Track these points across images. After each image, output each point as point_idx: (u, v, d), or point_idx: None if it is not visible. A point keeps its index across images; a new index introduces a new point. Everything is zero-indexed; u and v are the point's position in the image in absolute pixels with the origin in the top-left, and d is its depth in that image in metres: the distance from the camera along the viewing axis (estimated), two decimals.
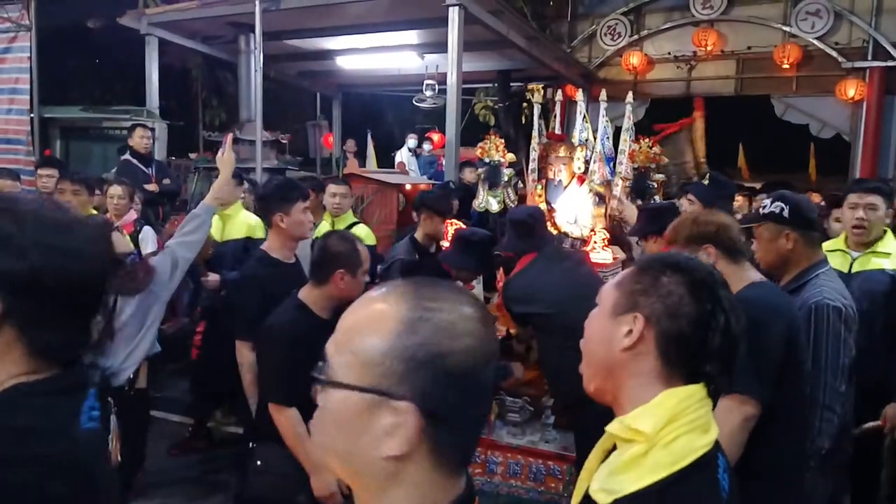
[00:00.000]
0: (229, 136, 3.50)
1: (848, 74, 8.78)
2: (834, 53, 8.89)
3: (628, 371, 1.12)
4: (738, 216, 3.35)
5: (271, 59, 8.20)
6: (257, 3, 6.22)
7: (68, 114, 8.71)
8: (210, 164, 7.87)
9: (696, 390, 1.08)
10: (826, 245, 3.23)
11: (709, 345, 1.07)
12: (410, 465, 0.76)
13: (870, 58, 8.71)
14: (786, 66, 9.10)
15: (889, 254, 3.07)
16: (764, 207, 2.44)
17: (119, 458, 2.72)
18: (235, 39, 7.79)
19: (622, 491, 1.01)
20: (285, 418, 2.45)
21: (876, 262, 3.06)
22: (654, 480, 1.00)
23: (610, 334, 1.13)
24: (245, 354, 2.89)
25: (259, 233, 4.55)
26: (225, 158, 3.26)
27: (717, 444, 1.09)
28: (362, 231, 4.43)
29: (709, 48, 9.55)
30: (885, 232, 3.16)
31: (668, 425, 1.04)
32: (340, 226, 4.49)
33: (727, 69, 9.80)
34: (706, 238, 2.07)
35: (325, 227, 4.53)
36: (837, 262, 3.15)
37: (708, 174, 4.24)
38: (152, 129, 7.08)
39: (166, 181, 6.37)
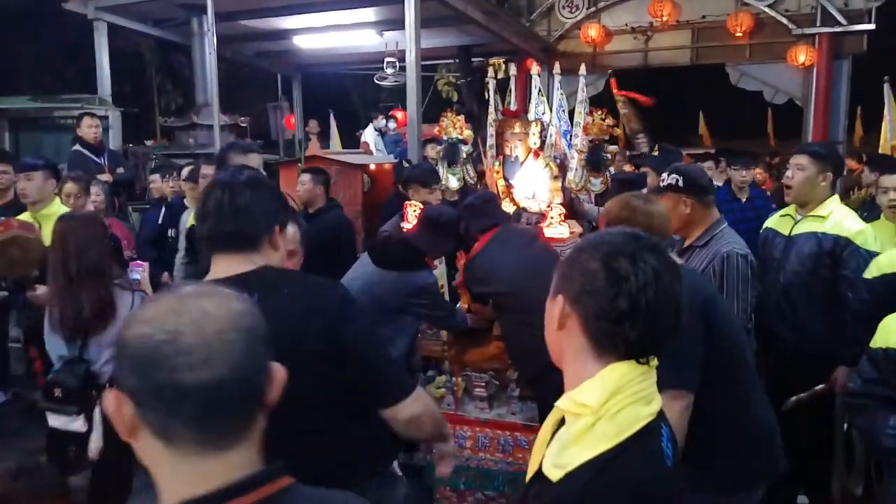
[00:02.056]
0: None
1: (798, 41, 8.99)
2: (784, 20, 9.07)
3: (566, 349, 1.17)
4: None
5: (226, 41, 8.04)
6: None
7: (17, 104, 8.43)
8: (168, 151, 7.75)
9: (635, 365, 1.11)
10: (782, 211, 3.37)
11: (618, 310, 1.08)
12: (147, 450, 0.83)
13: (818, 24, 8.91)
14: (739, 34, 9.26)
15: (824, 217, 3.09)
16: (663, 180, 2.72)
17: (97, 454, 2.67)
18: (188, 21, 7.62)
19: (571, 464, 1.05)
20: None
21: (812, 226, 3.10)
22: (600, 451, 1.05)
23: (549, 316, 1.20)
24: None
25: None
26: None
27: (660, 414, 1.14)
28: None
29: (664, 18, 9.65)
30: (829, 197, 3.14)
31: (612, 398, 1.08)
32: None
33: (683, 39, 9.92)
34: (614, 224, 2.14)
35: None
36: (783, 226, 3.25)
37: (657, 146, 4.34)
38: (104, 118, 6.91)
39: (120, 170, 6.20)
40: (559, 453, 1.08)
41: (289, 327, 1.50)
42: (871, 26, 8.68)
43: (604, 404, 1.07)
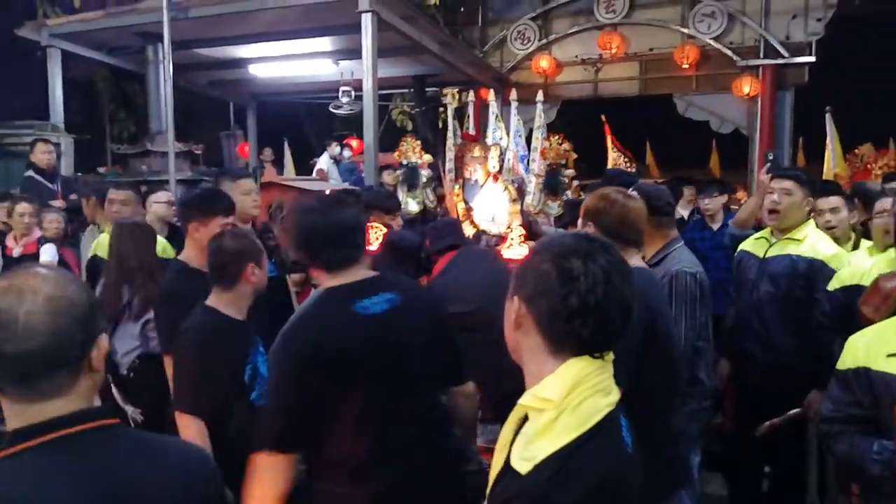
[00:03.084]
0: None
1: (742, 72, 9.36)
2: (729, 53, 9.45)
3: (524, 348, 1.23)
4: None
5: (181, 69, 7.98)
6: (165, 12, 6.05)
7: None
8: (119, 178, 7.60)
9: (592, 360, 1.17)
10: (758, 234, 3.44)
11: (569, 308, 1.13)
12: None
13: (761, 56, 9.31)
14: (685, 65, 9.62)
15: (800, 240, 3.15)
16: None
17: None
18: (143, 49, 7.54)
19: (538, 457, 1.09)
20: (189, 428, 2.32)
21: (787, 248, 3.16)
22: (565, 443, 1.10)
23: (507, 316, 1.25)
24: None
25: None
26: None
27: (619, 405, 1.20)
28: (161, 242, 4.03)
29: (613, 51, 9.97)
30: (806, 220, 3.22)
31: (572, 391, 1.13)
32: None
33: (631, 70, 10.25)
34: (589, 214, 2.24)
35: (106, 239, 4.03)
36: (758, 248, 3.31)
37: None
38: (57, 144, 6.79)
39: (73, 196, 6.11)
40: (525, 447, 1.12)
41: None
42: (812, 59, 9.10)
43: (565, 398, 1.13)
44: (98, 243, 4.17)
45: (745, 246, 3.46)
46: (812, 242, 3.14)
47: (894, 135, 9.80)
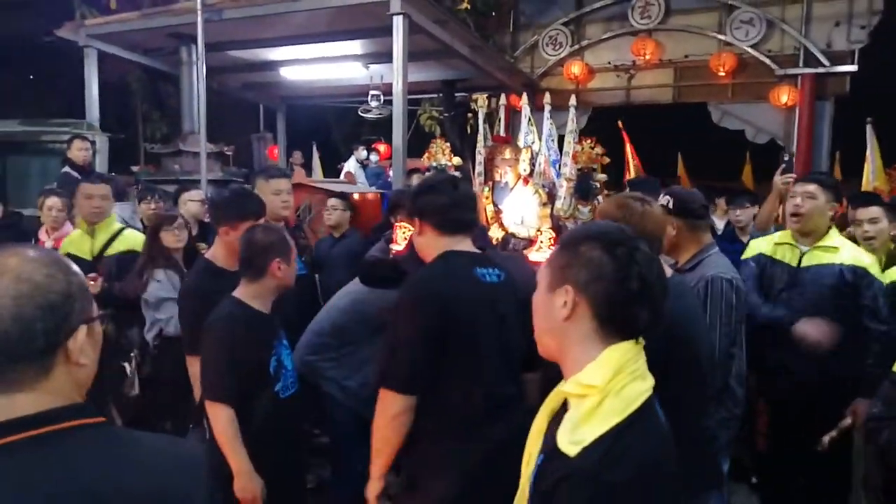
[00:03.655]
0: None
1: (781, 81, 9.14)
2: (767, 61, 9.24)
3: (571, 338, 1.26)
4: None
5: (214, 71, 8.09)
6: (199, 13, 6.11)
7: (5, 128, 8.39)
8: (152, 177, 7.70)
9: (632, 345, 1.23)
10: (776, 237, 3.37)
11: (631, 291, 1.20)
12: None
13: (801, 65, 9.09)
14: (721, 73, 9.42)
15: (837, 248, 3.10)
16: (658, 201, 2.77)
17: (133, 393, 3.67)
18: (177, 51, 7.66)
19: (586, 440, 1.14)
20: (219, 416, 2.44)
21: (826, 257, 3.10)
22: (611, 426, 1.14)
23: (550, 309, 1.28)
24: (197, 370, 2.78)
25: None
26: None
27: (654, 389, 1.25)
28: (134, 237, 4.09)
29: (647, 57, 9.82)
30: (829, 227, 3.17)
31: (615, 377, 1.18)
32: (101, 233, 4.02)
33: (665, 77, 10.09)
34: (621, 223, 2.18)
35: (79, 235, 4.11)
36: (787, 255, 3.24)
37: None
38: (93, 142, 6.91)
39: None
40: (573, 431, 1.17)
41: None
42: (854, 68, 8.83)
43: (609, 383, 1.18)
44: (70, 240, 4.16)
45: (764, 250, 3.35)
46: (851, 250, 3.10)
47: None
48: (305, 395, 2.98)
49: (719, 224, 5.91)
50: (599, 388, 1.18)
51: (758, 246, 3.42)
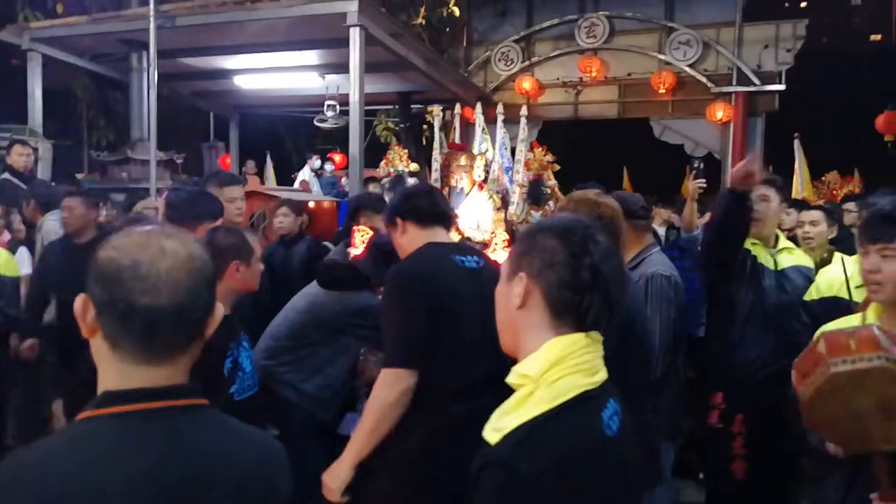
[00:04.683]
0: None
1: (716, 98, 9.69)
2: (703, 79, 9.78)
3: (524, 326, 1.24)
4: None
5: (165, 78, 7.96)
6: (152, 19, 6.07)
7: None
8: (97, 185, 7.54)
9: (581, 337, 1.19)
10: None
11: (582, 281, 1.18)
12: (98, 349, 1.03)
13: (734, 83, 9.64)
14: (662, 90, 9.90)
15: (793, 249, 3.14)
16: None
17: None
18: (127, 57, 7.54)
19: (507, 427, 1.11)
20: None
21: (792, 259, 3.08)
22: (532, 416, 1.11)
23: (507, 297, 1.27)
24: None
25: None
26: None
27: (606, 388, 1.21)
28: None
29: (593, 74, 10.23)
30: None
31: (552, 368, 1.15)
32: None
33: (610, 94, 10.53)
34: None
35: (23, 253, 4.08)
36: (764, 258, 3.07)
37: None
38: (35, 149, 6.72)
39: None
40: (498, 419, 1.15)
41: None
42: (782, 87, 9.46)
43: (543, 374, 1.15)
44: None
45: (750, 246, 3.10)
46: (797, 251, 3.19)
47: (859, 164, 10.16)
48: (265, 398, 2.99)
49: (660, 231, 6.19)
50: (533, 378, 1.15)
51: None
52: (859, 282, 2.56)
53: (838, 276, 2.89)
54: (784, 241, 3.17)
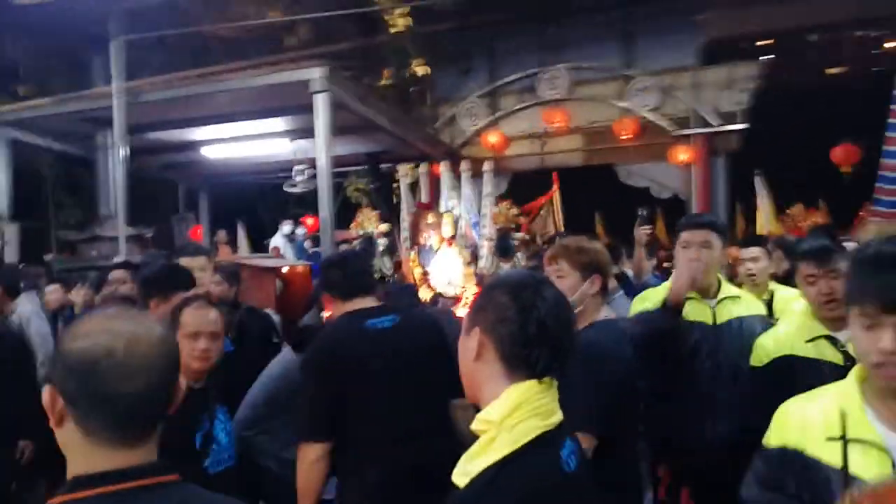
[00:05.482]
0: None
1: (677, 141, 9.90)
2: (664, 124, 10.02)
3: (482, 376, 1.31)
4: None
5: (132, 153, 7.96)
6: (115, 99, 6.11)
7: None
8: (66, 266, 7.44)
9: (535, 384, 1.25)
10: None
11: (529, 334, 1.25)
12: (67, 436, 1.03)
13: (693, 126, 9.90)
14: (625, 136, 10.11)
15: (739, 296, 2.76)
16: None
17: None
18: (92, 135, 7.56)
19: (474, 471, 1.18)
20: None
21: (739, 309, 2.71)
22: (497, 459, 1.18)
23: (465, 350, 1.34)
24: None
25: None
26: None
27: (562, 429, 1.29)
28: None
29: (557, 125, 10.45)
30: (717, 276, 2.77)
31: (512, 413, 1.22)
32: None
33: (575, 143, 10.74)
34: (567, 253, 2.31)
35: None
36: (699, 313, 2.69)
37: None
38: (1, 233, 6.65)
39: None
40: (465, 463, 1.23)
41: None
42: (740, 126, 9.68)
43: (505, 419, 1.21)
44: None
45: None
46: (747, 296, 2.84)
47: (825, 195, 10.42)
48: (243, 469, 2.93)
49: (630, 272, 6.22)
50: (496, 424, 1.21)
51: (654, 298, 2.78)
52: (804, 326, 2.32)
53: (787, 329, 2.45)
54: (728, 289, 2.76)
